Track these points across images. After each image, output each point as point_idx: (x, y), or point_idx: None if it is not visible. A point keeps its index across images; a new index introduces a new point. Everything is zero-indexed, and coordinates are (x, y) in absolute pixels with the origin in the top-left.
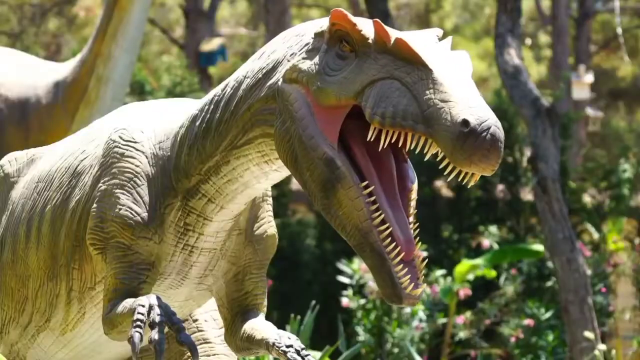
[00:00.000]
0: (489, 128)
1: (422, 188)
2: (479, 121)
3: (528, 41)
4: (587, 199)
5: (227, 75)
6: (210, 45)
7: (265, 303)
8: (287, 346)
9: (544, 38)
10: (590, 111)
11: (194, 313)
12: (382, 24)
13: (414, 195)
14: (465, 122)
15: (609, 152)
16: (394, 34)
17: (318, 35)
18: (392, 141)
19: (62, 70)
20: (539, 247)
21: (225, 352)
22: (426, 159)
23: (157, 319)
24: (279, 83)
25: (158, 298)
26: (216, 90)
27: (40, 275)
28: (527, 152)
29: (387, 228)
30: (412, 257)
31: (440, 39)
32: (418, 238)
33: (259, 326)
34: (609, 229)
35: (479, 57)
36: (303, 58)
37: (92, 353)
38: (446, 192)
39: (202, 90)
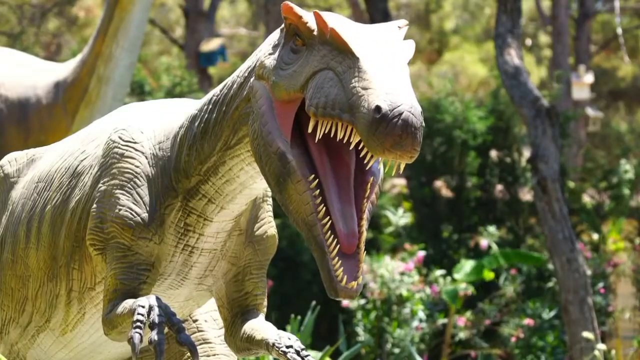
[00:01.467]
0: (400, 114)
1: (422, 188)
2: (391, 107)
3: (528, 42)
4: (586, 199)
5: (227, 75)
6: (210, 45)
7: (265, 303)
8: (287, 347)
9: (544, 38)
10: (590, 111)
11: (194, 313)
12: (322, 15)
13: (374, 188)
14: (377, 109)
15: (609, 153)
16: (331, 24)
17: (281, 31)
18: (326, 131)
19: (63, 70)
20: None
21: (225, 352)
22: (356, 146)
23: (157, 319)
24: (251, 80)
25: (158, 299)
26: (215, 91)
27: (40, 275)
28: (525, 152)
29: (329, 221)
30: (356, 251)
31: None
32: (364, 231)
33: (259, 326)
34: (609, 229)
35: (481, 60)
36: (269, 54)
37: (92, 353)
38: (446, 192)
39: (202, 91)
